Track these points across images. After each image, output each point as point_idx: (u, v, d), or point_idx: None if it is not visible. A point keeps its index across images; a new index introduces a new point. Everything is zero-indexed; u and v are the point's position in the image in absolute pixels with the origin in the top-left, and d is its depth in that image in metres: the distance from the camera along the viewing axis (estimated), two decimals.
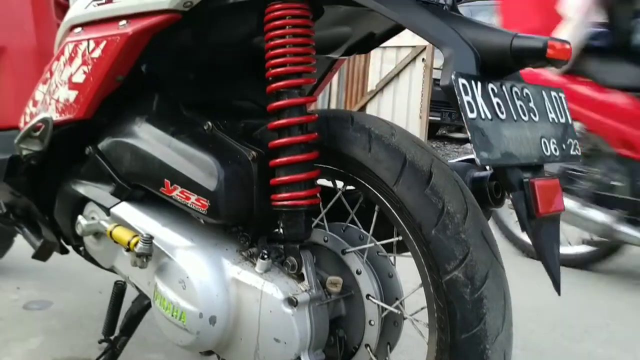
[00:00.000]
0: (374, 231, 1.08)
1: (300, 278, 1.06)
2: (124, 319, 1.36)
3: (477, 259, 0.93)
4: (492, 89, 0.91)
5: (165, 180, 1.15)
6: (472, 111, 0.86)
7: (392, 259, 1.11)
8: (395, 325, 1.10)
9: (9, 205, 1.62)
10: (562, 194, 0.97)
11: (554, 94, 1.04)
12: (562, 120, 1.03)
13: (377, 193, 1.03)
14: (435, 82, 6.53)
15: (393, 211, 1.00)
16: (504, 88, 0.94)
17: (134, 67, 1.22)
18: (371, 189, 1.03)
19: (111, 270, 1.38)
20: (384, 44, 1.39)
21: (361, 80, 7.17)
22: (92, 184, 1.33)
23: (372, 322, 1.08)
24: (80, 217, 1.32)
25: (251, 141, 1.12)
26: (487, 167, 1.10)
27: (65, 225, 1.41)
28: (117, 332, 1.37)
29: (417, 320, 1.06)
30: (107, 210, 1.28)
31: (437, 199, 0.95)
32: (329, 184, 1.17)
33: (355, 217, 1.12)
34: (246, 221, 1.12)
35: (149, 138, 1.21)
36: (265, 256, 1.06)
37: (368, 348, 1.09)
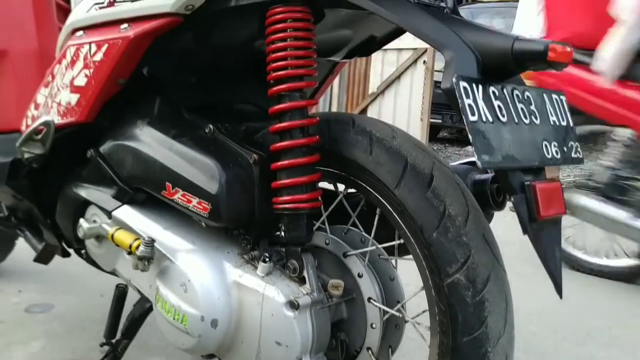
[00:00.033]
0: (375, 234, 1.08)
1: (301, 281, 1.06)
2: (126, 322, 1.36)
3: (478, 261, 0.93)
4: (493, 91, 0.91)
5: (167, 183, 1.15)
6: (473, 114, 0.86)
7: (393, 262, 1.11)
8: (396, 328, 1.10)
9: (10, 208, 1.62)
10: (563, 197, 0.97)
11: (555, 96, 1.04)
12: (563, 123, 1.03)
13: (378, 196, 1.03)
14: (437, 85, 6.53)
15: (394, 214, 1.01)
16: (505, 91, 0.94)
17: (136, 70, 1.22)
18: (372, 191, 1.04)
19: (113, 273, 1.38)
20: (385, 47, 1.39)
21: (362, 83, 7.16)
22: (93, 187, 1.33)
23: (374, 325, 1.08)
24: (81, 220, 1.33)
25: (252, 144, 1.12)
26: (489, 170, 1.10)
27: (66, 228, 1.41)
28: (119, 335, 1.37)
29: (418, 323, 1.06)
30: (108, 214, 1.28)
31: (439, 202, 0.95)
32: (331, 186, 1.17)
33: (356, 220, 1.12)
34: (248, 224, 1.12)
35: (150, 141, 1.21)
36: (267, 259, 1.06)
37: (370, 351, 1.09)
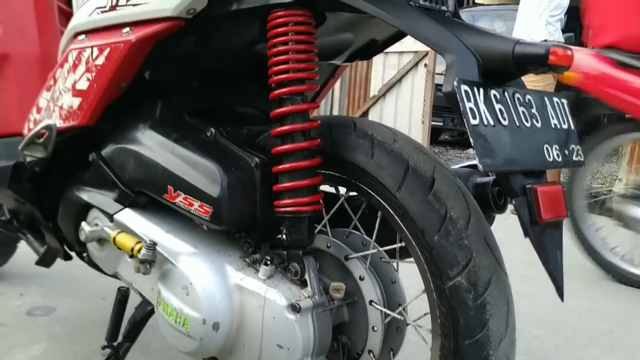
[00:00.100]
0: (376, 237, 1.08)
1: (303, 284, 1.06)
2: (127, 325, 1.36)
3: (480, 264, 0.93)
4: (495, 95, 0.91)
5: (169, 186, 1.15)
6: (474, 117, 0.86)
7: (395, 265, 1.11)
8: (398, 331, 1.10)
9: (12, 212, 1.62)
10: (564, 200, 0.97)
11: (556, 100, 1.05)
12: (565, 126, 1.03)
13: (379, 199, 1.03)
14: (438, 88, 6.53)
15: (396, 217, 1.01)
16: (506, 94, 0.94)
17: (138, 74, 1.22)
18: (374, 195, 1.04)
19: (114, 276, 1.38)
20: (386, 50, 1.39)
21: (363, 86, 7.16)
22: (95, 190, 1.33)
23: (375, 328, 1.08)
24: (83, 224, 1.33)
25: (254, 147, 1.13)
26: (490, 173, 1.10)
27: (68, 231, 1.41)
28: (121, 338, 1.37)
29: (420, 326, 1.06)
30: (110, 217, 1.28)
31: (440, 205, 0.95)
32: (332, 190, 1.18)
33: (358, 223, 1.12)
34: (249, 227, 1.12)
35: (152, 145, 1.22)
36: (269, 262, 1.06)
37: (371, 354, 1.09)
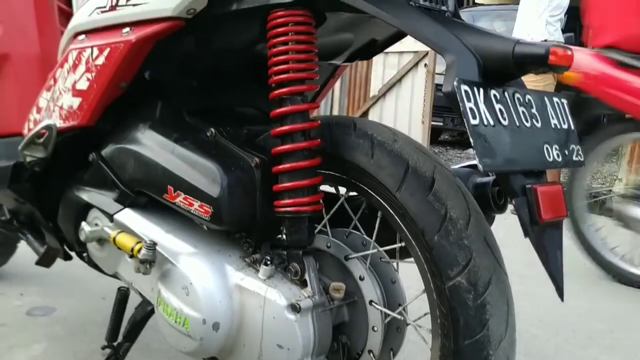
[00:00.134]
0: (376, 237, 1.08)
1: (303, 284, 1.06)
2: (127, 325, 1.36)
3: (480, 264, 0.93)
4: (495, 95, 0.91)
5: (169, 186, 1.15)
6: (474, 117, 0.86)
7: (395, 265, 1.11)
8: (398, 331, 1.10)
9: (12, 212, 1.62)
10: (564, 200, 0.97)
11: (556, 100, 1.05)
12: (565, 126, 1.03)
13: (379, 199, 1.03)
14: (438, 87, 6.53)
15: (396, 217, 1.01)
16: (506, 94, 0.94)
17: (138, 74, 1.22)
18: (374, 195, 1.04)
19: (114, 276, 1.38)
20: (386, 50, 1.39)
21: (363, 86, 7.16)
22: (95, 190, 1.33)
23: (375, 328, 1.08)
24: (83, 224, 1.33)
25: (254, 147, 1.13)
26: (490, 173, 1.10)
27: (68, 231, 1.41)
28: (121, 338, 1.37)
29: (420, 326, 1.06)
30: (110, 217, 1.28)
31: (440, 205, 0.95)
32: (332, 190, 1.18)
33: (358, 223, 1.12)
34: (249, 227, 1.12)
35: (152, 145, 1.22)
36: (269, 262, 1.06)
37: (371, 354, 1.09)
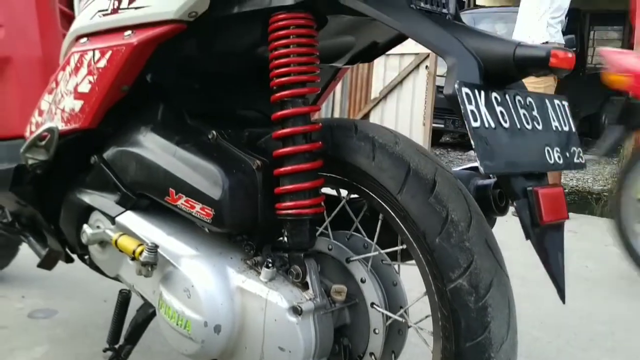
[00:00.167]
0: (378, 239, 1.08)
1: (304, 286, 1.06)
2: (129, 328, 1.36)
3: (481, 267, 0.93)
4: (496, 97, 0.91)
5: (170, 189, 1.15)
6: (475, 120, 0.86)
7: (396, 267, 1.11)
8: (399, 334, 1.10)
9: (14, 214, 1.62)
10: (566, 202, 0.97)
11: (557, 102, 1.05)
12: (566, 129, 1.03)
13: (381, 201, 1.03)
14: (439, 90, 6.53)
15: (397, 219, 1.01)
16: (507, 97, 0.94)
17: (139, 77, 1.22)
18: (375, 197, 1.04)
19: (116, 279, 1.38)
20: (387, 52, 1.39)
21: (364, 88, 7.17)
22: (97, 193, 1.34)
23: (377, 331, 1.08)
24: (85, 226, 1.33)
25: (255, 150, 1.13)
26: (491, 175, 1.10)
27: (70, 234, 1.42)
28: (122, 341, 1.37)
29: (421, 329, 1.06)
30: (112, 219, 1.28)
31: (441, 208, 0.95)
32: (333, 192, 1.18)
33: (359, 225, 1.12)
34: (251, 230, 1.12)
35: (153, 147, 1.22)
36: (270, 265, 1.06)
37: (373, 356, 1.09)
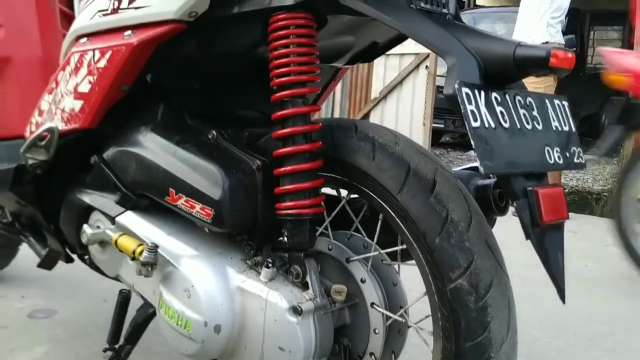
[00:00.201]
0: (378, 239, 1.08)
1: (304, 286, 1.06)
2: (129, 328, 1.36)
3: (481, 267, 0.93)
4: (496, 97, 0.91)
5: (170, 189, 1.15)
6: (475, 120, 0.86)
7: (396, 267, 1.11)
8: (399, 334, 1.10)
9: (14, 214, 1.62)
10: (566, 202, 0.97)
11: (557, 102, 1.05)
12: (566, 129, 1.03)
13: (381, 201, 1.03)
14: (439, 89, 6.53)
15: (397, 219, 1.01)
16: (507, 97, 0.94)
17: (139, 77, 1.22)
18: (375, 197, 1.04)
19: (116, 279, 1.38)
20: (387, 52, 1.39)
21: (364, 88, 7.17)
22: (97, 193, 1.34)
23: (377, 331, 1.08)
24: (85, 226, 1.33)
25: (255, 150, 1.13)
26: (491, 175, 1.10)
27: (70, 234, 1.42)
28: (122, 341, 1.37)
29: (421, 329, 1.06)
30: (112, 219, 1.28)
31: (441, 208, 0.95)
32: (333, 192, 1.18)
33: (359, 225, 1.12)
34: (251, 230, 1.12)
35: (153, 147, 1.22)
36: (270, 265, 1.06)
37: (373, 356, 1.09)
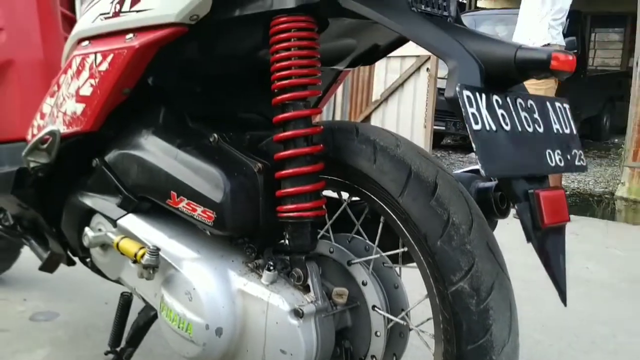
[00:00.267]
0: (379, 242, 1.08)
1: (306, 289, 1.06)
2: (130, 331, 1.36)
3: (482, 270, 0.93)
4: (497, 100, 0.91)
5: (172, 192, 1.15)
6: (476, 123, 0.86)
7: (397, 270, 1.11)
8: (401, 337, 1.10)
9: (16, 217, 1.63)
10: (567, 204, 0.97)
11: (558, 104, 1.05)
12: (567, 131, 1.03)
13: (382, 204, 1.03)
14: (440, 92, 6.52)
15: (398, 222, 1.01)
16: (508, 99, 0.94)
17: (141, 80, 1.23)
18: (376, 200, 1.04)
19: (117, 281, 1.38)
20: (388, 54, 1.39)
21: (366, 90, 7.16)
22: (99, 196, 1.34)
23: (378, 333, 1.08)
24: (87, 229, 1.33)
25: (257, 153, 1.13)
26: (492, 178, 1.10)
27: (72, 237, 1.42)
28: (124, 344, 1.37)
29: (423, 331, 1.06)
30: (113, 222, 1.29)
31: (443, 210, 0.95)
32: (335, 195, 1.18)
33: (360, 228, 1.12)
34: (252, 233, 1.12)
35: (155, 150, 1.22)
36: (271, 267, 1.06)
37: (374, 359, 1.09)
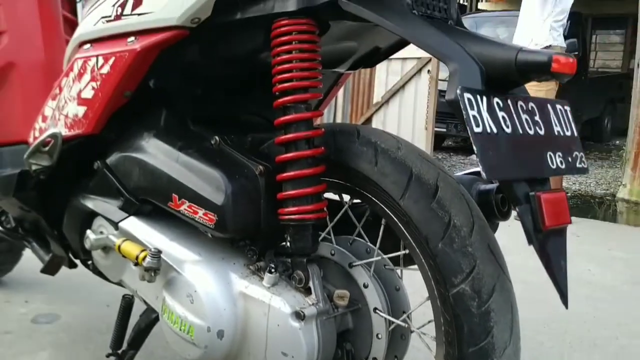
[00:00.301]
0: (380, 244, 1.08)
1: (307, 292, 1.06)
2: (132, 333, 1.36)
3: (483, 272, 0.93)
4: (498, 103, 0.92)
5: (173, 194, 1.15)
6: (477, 125, 0.86)
7: (399, 272, 1.12)
8: (402, 339, 1.10)
9: (18, 220, 1.63)
10: (568, 206, 0.97)
11: (559, 106, 1.05)
12: (568, 133, 1.04)
13: (383, 207, 1.03)
14: (441, 94, 6.52)
15: (400, 224, 1.01)
16: (509, 102, 0.94)
17: (142, 83, 1.23)
18: (378, 202, 1.04)
19: (119, 284, 1.38)
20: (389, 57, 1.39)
21: (367, 92, 7.17)
22: (100, 198, 1.34)
23: (380, 336, 1.08)
24: (88, 232, 1.33)
25: (258, 155, 1.13)
26: (493, 180, 1.10)
27: (73, 239, 1.42)
28: (125, 346, 1.37)
29: (424, 334, 1.06)
30: (115, 225, 1.29)
31: (444, 213, 0.95)
32: (336, 197, 1.18)
33: (362, 230, 1.12)
34: (253, 235, 1.12)
35: (156, 153, 1.22)
36: (273, 270, 1.06)
37: None
